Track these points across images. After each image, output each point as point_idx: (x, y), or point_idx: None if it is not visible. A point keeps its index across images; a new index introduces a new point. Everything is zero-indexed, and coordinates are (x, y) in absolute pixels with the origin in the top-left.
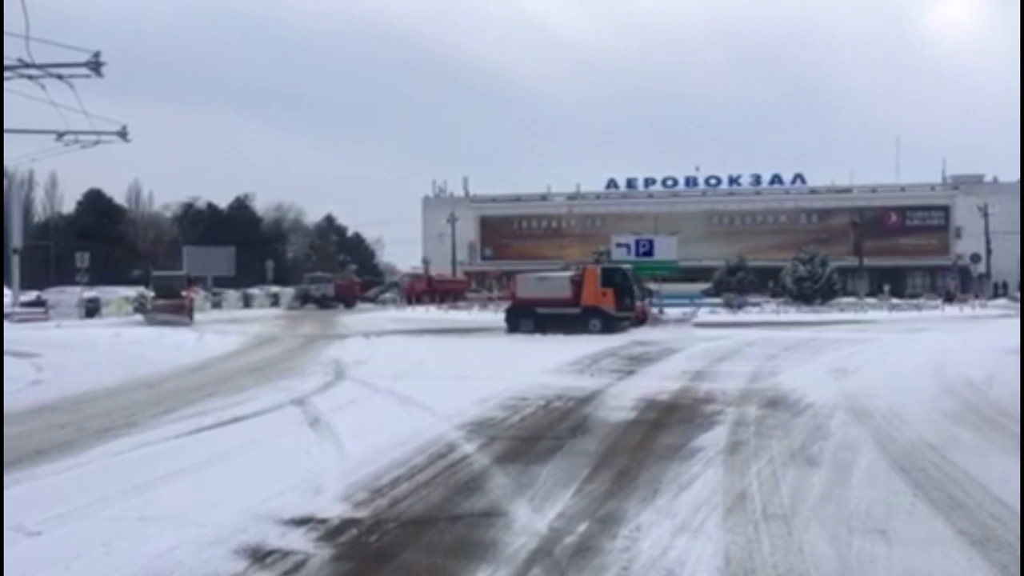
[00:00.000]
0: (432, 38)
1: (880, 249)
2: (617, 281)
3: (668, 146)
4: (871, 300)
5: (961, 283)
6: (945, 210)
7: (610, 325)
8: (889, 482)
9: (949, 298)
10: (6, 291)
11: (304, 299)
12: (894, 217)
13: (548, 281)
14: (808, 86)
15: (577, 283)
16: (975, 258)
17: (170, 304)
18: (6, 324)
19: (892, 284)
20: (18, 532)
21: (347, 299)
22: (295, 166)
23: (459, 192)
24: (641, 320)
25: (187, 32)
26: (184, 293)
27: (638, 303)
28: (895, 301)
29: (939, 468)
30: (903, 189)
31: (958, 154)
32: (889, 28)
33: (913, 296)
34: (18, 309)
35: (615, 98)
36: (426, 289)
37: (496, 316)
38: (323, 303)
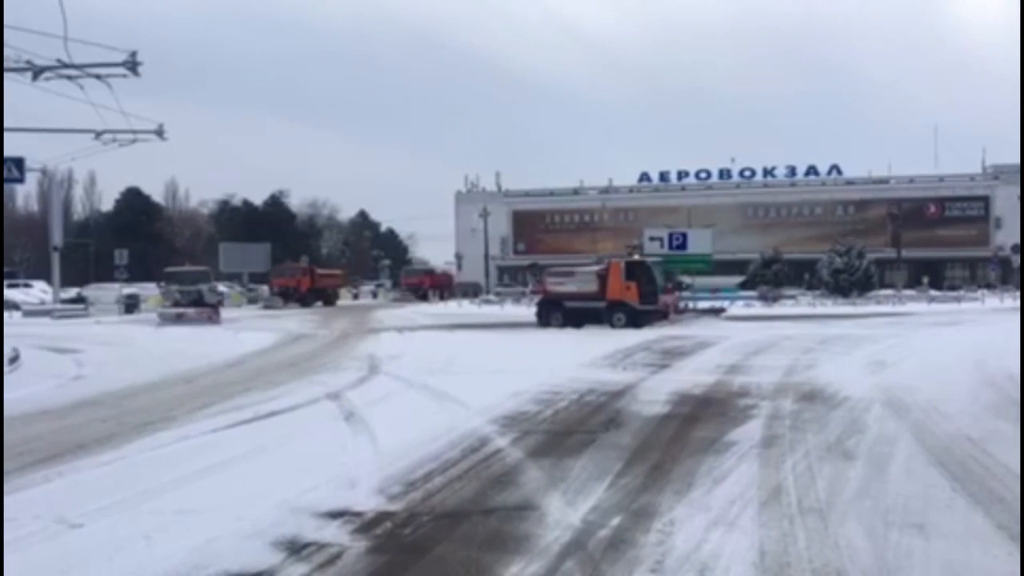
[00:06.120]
0: (464, 38)
1: (918, 240)
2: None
3: (701, 139)
4: (909, 292)
5: (1002, 274)
6: (985, 200)
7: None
8: (927, 476)
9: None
10: (48, 288)
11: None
12: (932, 208)
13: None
14: (843, 77)
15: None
16: (1016, 248)
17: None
18: (48, 320)
19: (931, 276)
20: (61, 524)
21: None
22: (329, 163)
23: (491, 187)
24: (664, 315)
25: (222, 32)
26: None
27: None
28: (934, 293)
29: (979, 462)
30: (942, 179)
31: (998, 143)
32: (924, 16)
33: (952, 288)
34: (59, 306)
35: (646, 93)
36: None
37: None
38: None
